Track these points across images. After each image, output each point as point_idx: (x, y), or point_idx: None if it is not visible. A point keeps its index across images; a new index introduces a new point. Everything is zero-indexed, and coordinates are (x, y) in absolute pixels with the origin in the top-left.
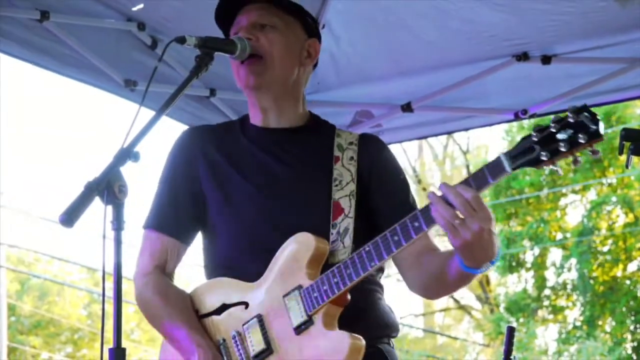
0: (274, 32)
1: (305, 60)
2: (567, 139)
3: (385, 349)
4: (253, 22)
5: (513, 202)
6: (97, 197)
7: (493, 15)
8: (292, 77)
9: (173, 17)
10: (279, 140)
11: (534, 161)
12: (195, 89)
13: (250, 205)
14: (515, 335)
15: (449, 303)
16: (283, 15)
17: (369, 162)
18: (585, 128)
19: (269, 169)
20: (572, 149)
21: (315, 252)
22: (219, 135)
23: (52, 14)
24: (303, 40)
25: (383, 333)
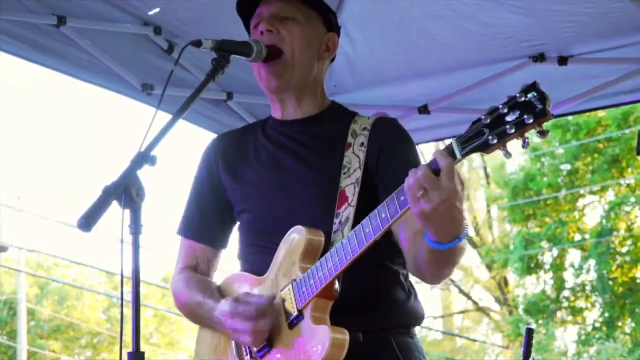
0: (294, 25)
1: (325, 54)
2: (515, 121)
3: (399, 341)
4: (274, 13)
5: (531, 203)
6: (115, 202)
7: (509, 17)
8: (312, 71)
9: (189, 21)
10: (293, 132)
11: (483, 146)
12: (212, 93)
13: (261, 200)
14: (534, 337)
15: (468, 305)
16: (303, 8)
17: (379, 147)
18: (532, 108)
19: (280, 163)
20: (519, 130)
21: (308, 245)
22: (239, 138)
23: (69, 19)
24: (323, 34)
25: (399, 323)
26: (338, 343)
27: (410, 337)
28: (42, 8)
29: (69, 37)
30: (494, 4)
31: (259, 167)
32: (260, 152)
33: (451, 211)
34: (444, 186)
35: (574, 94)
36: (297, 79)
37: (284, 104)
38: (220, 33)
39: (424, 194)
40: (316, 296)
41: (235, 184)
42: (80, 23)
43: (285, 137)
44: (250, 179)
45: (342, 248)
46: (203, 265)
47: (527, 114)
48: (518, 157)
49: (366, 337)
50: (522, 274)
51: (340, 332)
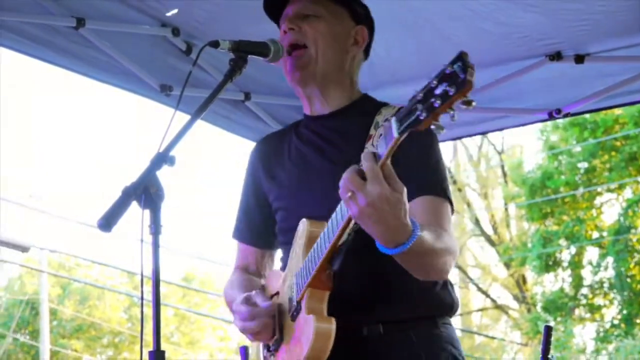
0: (318, 20)
1: (352, 48)
2: (441, 94)
3: (420, 332)
4: (297, 12)
5: (549, 201)
6: (135, 202)
7: (525, 16)
8: (337, 64)
9: (207, 21)
10: (320, 127)
11: (415, 121)
12: (229, 93)
13: (289, 198)
14: (552, 334)
15: (486, 303)
16: (329, 4)
17: None
18: (455, 78)
19: (305, 160)
20: (444, 102)
21: (309, 237)
22: (277, 138)
23: (87, 20)
24: (350, 28)
25: (421, 313)
26: (322, 332)
27: (436, 327)
28: (60, 10)
29: (88, 39)
30: (510, 3)
31: (290, 166)
32: (292, 150)
33: (381, 216)
34: (368, 190)
35: (590, 92)
36: (320, 71)
37: (311, 100)
38: (237, 34)
39: (351, 195)
40: (308, 286)
41: (271, 184)
42: (98, 25)
43: (312, 133)
44: (282, 179)
45: (322, 237)
46: (252, 265)
47: (450, 85)
48: (535, 155)
49: (386, 329)
50: (540, 271)
51: (326, 322)
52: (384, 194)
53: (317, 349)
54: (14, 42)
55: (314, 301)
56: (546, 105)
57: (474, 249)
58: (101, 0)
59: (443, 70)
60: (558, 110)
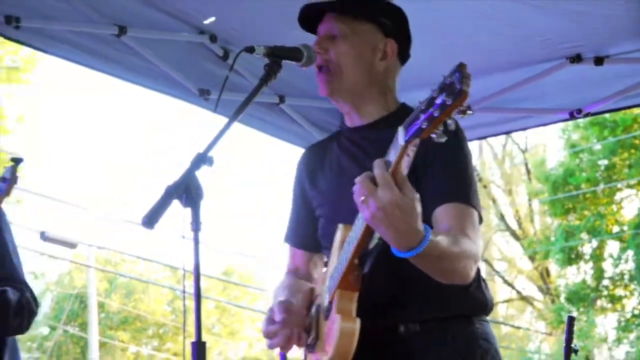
0: (343, 41)
1: (380, 62)
2: (440, 104)
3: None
4: (325, 34)
5: (571, 197)
6: (176, 200)
7: (546, 20)
8: (364, 81)
9: (243, 28)
10: (357, 138)
11: (418, 130)
12: (265, 96)
13: (328, 205)
14: (575, 324)
15: (512, 294)
16: (354, 22)
17: (427, 145)
18: (453, 89)
19: (343, 168)
20: (443, 112)
21: (341, 242)
22: (321, 147)
23: (129, 29)
24: (377, 42)
25: (457, 312)
26: (346, 331)
27: (472, 324)
28: (103, 19)
29: (129, 46)
30: (532, 8)
31: (330, 174)
32: (333, 159)
33: (392, 220)
34: (378, 195)
35: (609, 93)
36: (346, 89)
37: (349, 113)
38: (272, 39)
39: (364, 200)
40: (338, 288)
41: (314, 192)
42: (140, 32)
43: (351, 143)
44: (322, 186)
45: (347, 241)
46: (302, 268)
47: (447, 96)
48: (557, 153)
49: (422, 327)
50: (563, 264)
51: (351, 321)
52: (394, 199)
53: (342, 347)
54: (61, 50)
55: (343, 302)
56: (567, 106)
57: (499, 243)
58: (142, 9)
59: (444, 81)
60: (579, 110)
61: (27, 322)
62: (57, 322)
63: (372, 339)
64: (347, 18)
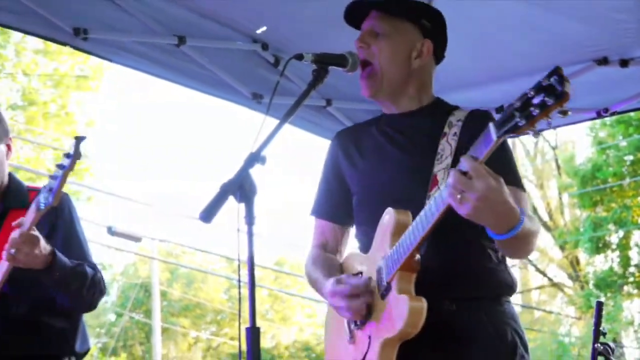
0: (384, 39)
1: (416, 60)
2: (539, 103)
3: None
4: (368, 31)
5: (598, 190)
6: (231, 196)
7: (575, 25)
8: (401, 77)
9: (292, 37)
10: (396, 123)
11: (514, 127)
12: (313, 100)
13: (367, 184)
14: (603, 309)
15: (544, 281)
16: (396, 21)
17: (470, 136)
18: (553, 90)
19: (383, 150)
20: (542, 111)
21: (396, 224)
22: (356, 131)
23: (188, 38)
24: (415, 42)
25: (488, 292)
26: (415, 310)
27: (500, 304)
28: (164, 30)
29: (188, 55)
30: (561, 14)
31: (368, 155)
32: (371, 142)
33: (493, 206)
34: (475, 186)
35: (634, 93)
36: (385, 86)
37: (385, 105)
38: (319, 47)
39: (462, 197)
40: (399, 269)
41: (351, 171)
42: (198, 42)
43: (390, 128)
44: (361, 166)
45: (415, 226)
46: (332, 242)
47: (548, 96)
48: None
49: (459, 307)
50: (592, 253)
51: (418, 301)
52: (491, 185)
53: (411, 324)
54: (126, 59)
55: (404, 282)
56: (595, 105)
57: None
58: (199, 20)
59: (540, 82)
60: (605, 110)
61: (96, 299)
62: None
63: None
64: (390, 17)
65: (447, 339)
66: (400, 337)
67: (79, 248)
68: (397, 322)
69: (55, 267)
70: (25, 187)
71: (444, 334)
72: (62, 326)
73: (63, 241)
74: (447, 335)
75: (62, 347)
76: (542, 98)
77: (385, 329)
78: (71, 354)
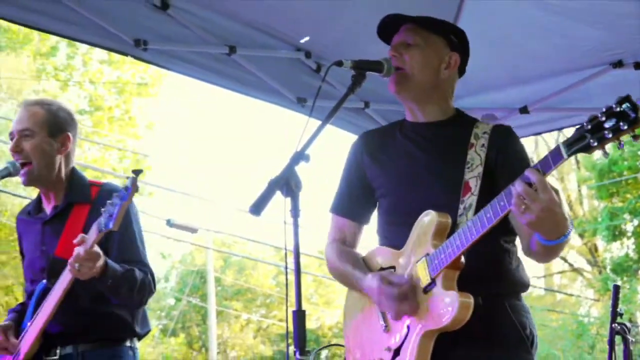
0: (415, 49)
1: (444, 71)
2: (612, 127)
3: (511, 303)
4: (400, 41)
5: (614, 183)
6: (278, 191)
7: (592, 31)
8: (428, 84)
9: (333, 45)
10: (423, 131)
11: (585, 147)
12: (352, 102)
13: (397, 186)
14: (620, 292)
15: (565, 267)
16: (426, 34)
17: (497, 148)
18: (626, 117)
19: (412, 155)
20: (615, 135)
21: (438, 226)
22: (380, 134)
23: (238, 48)
24: (444, 54)
25: (510, 289)
26: (465, 305)
27: (519, 300)
28: (216, 40)
29: (238, 63)
30: (578, 22)
31: (397, 159)
32: (398, 146)
33: (553, 216)
34: (541, 198)
35: None
36: (415, 89)
37: (413, 111)
38: (358, 54)
39: (526, 207)
40: (446, 267)
41: (376, 172)
42: (247, 51)
43: (418, 136)
44: (389, 168)
45: (468, 229)
46: (349, 238)
47: (622, 121)
48: None
49: (485, 301)
50: (609, 240)
51: (467, 297)
52: (553, 198)
53: (458, 319)
54: (182, 67)
55: (449, 280)
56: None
57: None
58: (248, 31)
59: (610, 108)
60: None
61: (145, 299)
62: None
63: None
64: (421, 29)
65: (477, 331)
66: (444, 329)
67: (133, 249)
68: (444, 316)
69: (107, 276)
70: (87, 182)
71: (475, 326)
72: (122, 314)
73: (119, 242)
74: (477, 328)
75: (124, 331)
76: (615, 123)
77: (430, 321)
78: (133, 336)
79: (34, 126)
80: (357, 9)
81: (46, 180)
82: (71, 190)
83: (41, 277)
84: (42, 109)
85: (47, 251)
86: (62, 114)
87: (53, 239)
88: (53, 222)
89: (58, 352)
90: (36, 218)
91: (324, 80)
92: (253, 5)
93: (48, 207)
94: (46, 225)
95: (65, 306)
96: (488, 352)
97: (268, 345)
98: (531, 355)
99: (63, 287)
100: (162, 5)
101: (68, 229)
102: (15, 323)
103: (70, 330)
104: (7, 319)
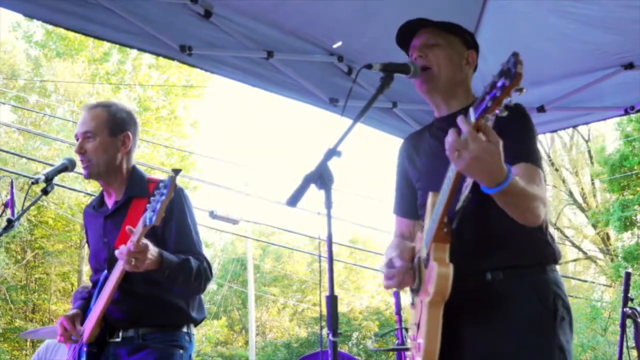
0: (439, 49)
1: (465, 67)
2: (500, 85)
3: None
4: (423, 43)
5: (626, 177)
6: (312, 185)
7: (605, 36)
8: (454, 79)
9: (363, 50)
10: (446, 125)
11: (485, 109)
12: (381, 103)
13: (424, 181)
14: (631, 278)
15: (579, 255)
16: (445, 35)
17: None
18: (509, 72)
19: (434, 150)
20: (503, 92)
21: (431, 205)
22: (417, 135)
23: (275, 53)
24: (462, 52)
25: (532, 261)
26: (442, 274)
27: (545, 273)
28: (255, 45)
29: (276, 66)
30: (592, 27)
31: (425, 156)
32: (426, 146)
33: (484, 164)
34: (470, 146)
35: None
36: (442, 85)
37: (438, 106)
38: (387, 57)
39: (458, 154)
40: (433, 241)
41: (413, 171)
42: (283, 56)
43: (440, 130)
44: (419, 166)
45: (439, 202)
46: (406, 232)
47: (505, 78)
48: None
49: (505, 275)
50: (620, 230)
51: (445, 266)
52: (483, 146)
53: (440, 287)
54: (224, 71)
55: (438, 252)
56: (622, 104)
57: (568, 214)
58: (285, 37)
59: (502, 68)
60: (632, 107)
61: (203, 286)
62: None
63: (463, 284)
64: (440, 31)
65: (488, 305)
66: (437, 300)
67: (189, 239)
68: (430, 287)
69: (164, 267)
70: (146, 178)
71: (485, 300)
72: (178, 302)
73: (176, 231)
74: (487, 301)
75: (181, 317)
76: (502, 81)
77: (427, 293)
78: (190, 322)
79: (95, 128)
80: (385, 16)
81: (107, 175)
82: (131, 186)
83: (104, 268)
84: (102, 111)
85: (109, 243)
86: (121, 114)
87: (114, 232)
88: (114, 215)
89: (120, 335)
90: (99, 212)
91: (355, 82)
92: (289, 14)
93: (109, 201)
94: (108, 218)
95: (125, 295)
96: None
97: (303, 328)
98: (552, 332)
99: (116, 276)
100: (205, 14)
101: (128, 222)
102: (82, 311)
103: (131, 317)
104: (74, 307)
